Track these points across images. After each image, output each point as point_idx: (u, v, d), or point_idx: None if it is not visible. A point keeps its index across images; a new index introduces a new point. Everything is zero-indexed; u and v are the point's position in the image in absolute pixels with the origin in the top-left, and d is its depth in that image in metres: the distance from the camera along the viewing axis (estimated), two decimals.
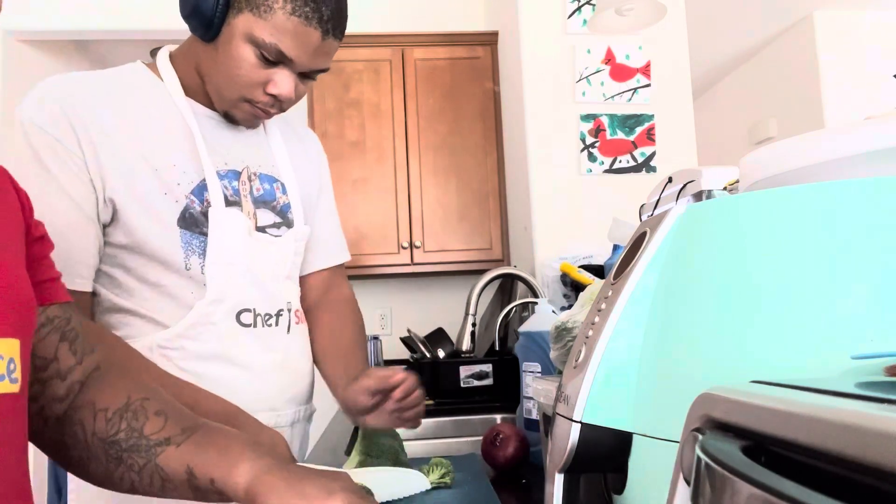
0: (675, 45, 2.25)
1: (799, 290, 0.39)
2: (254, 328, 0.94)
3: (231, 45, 0.86)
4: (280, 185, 1.01)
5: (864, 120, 0.49)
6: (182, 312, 0.89)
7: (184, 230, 0.89)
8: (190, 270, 0.89)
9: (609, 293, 0.50)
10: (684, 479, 0.31)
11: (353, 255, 2.57)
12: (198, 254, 0.90)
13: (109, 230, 0.88)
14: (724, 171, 0.77)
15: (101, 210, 0.86)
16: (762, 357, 0.38)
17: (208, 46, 0.89)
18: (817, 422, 0.22)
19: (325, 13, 0.86)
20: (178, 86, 0.94)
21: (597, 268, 1.82)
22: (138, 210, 0.87)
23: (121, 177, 0.86)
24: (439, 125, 2.62)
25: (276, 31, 0.84)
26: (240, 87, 0.89)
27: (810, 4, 3.43)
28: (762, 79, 4.01)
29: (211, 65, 0.90)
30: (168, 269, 0.89)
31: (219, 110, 0.95)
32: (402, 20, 2.92)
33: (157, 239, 0.88)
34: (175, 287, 0.89)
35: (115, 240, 0.88)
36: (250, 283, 0.94)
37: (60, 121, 0.83)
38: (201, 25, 0.86)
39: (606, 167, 2.16)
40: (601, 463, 0.47)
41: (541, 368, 1.16)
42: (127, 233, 0.87)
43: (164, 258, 0.88)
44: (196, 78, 0.94)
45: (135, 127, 0.89)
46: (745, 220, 0.43)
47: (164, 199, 0.88)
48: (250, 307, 0.94)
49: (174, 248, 0.88)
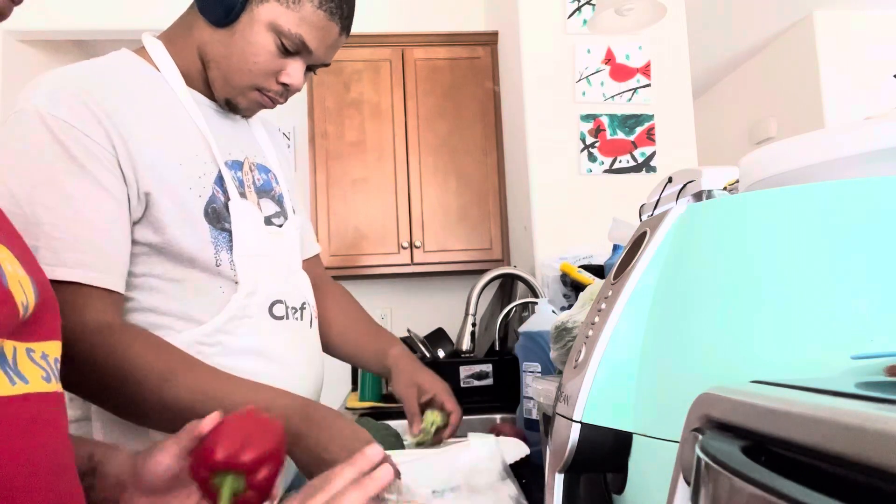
0: (675, 45, 2.25)
1: (799, 290, 0.39)
2: (286, 321, 0.93)
3: (251, 31, 0.86)
4: (273, 175, 1.02)
5: (864, 120, 0.49)
6: (214, 309, 0.86)
7: (210, 225, 0.87)
8: (220, 266, 0.86)
9: (609, 293, 0.50)
10: (684, 479, 0.31)
11: (353, 255, 2.58)
12: (225, 249, 0.88)
13: (136, 227, 0.83)
14: (724, 171, 0.77)
15: (133, 206, 0.82)
16: (762, 357, 0.38)
17: (220, 31, 0.88)
18: (817, 422, 0.22)
19: (344, 10, 0.90)
20: (178, 75, 0.91)
21: (597, 268, 1.82)
22: (169, 205, 0.83)
23: (151, 170, 0.82)
24: (439, 125, 2.62)
25: (303, 22, 0.87)
26: (254, 74, 0.89)
27: (810, 4, 3.43)
28: (762, 79, 4.01)
29: (221, 50, 0.88)
30: (194, 267, 0.85)
31: (219, 98, 0.94)
32: (402, 20, 2.92)
33: (188, 235, 0.84)
34: (203, 284, 0.86)
35: (142, 237, 0.83)
36: (276, 274, 0.94)
37: (84, 114, 0.79)
38: (222, 11, 0.86)
39: (606, 167, 2.16)
40: (601, 463, 0.47)
41: (541, 368, 1.16)
42: (157, 229, 0.83)
43: (193, 255, 0.85)
44: (196, 64, 0.91)
45: (149, 119, 0.85)
46: (746, 219, 0.43)
47: (189, 193, 0.85)
48: (281, 299, 0.93)
49: (205, 244, 0.85)
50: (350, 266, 2.58)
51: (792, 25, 3.66)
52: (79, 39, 3.12)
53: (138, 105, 0.84)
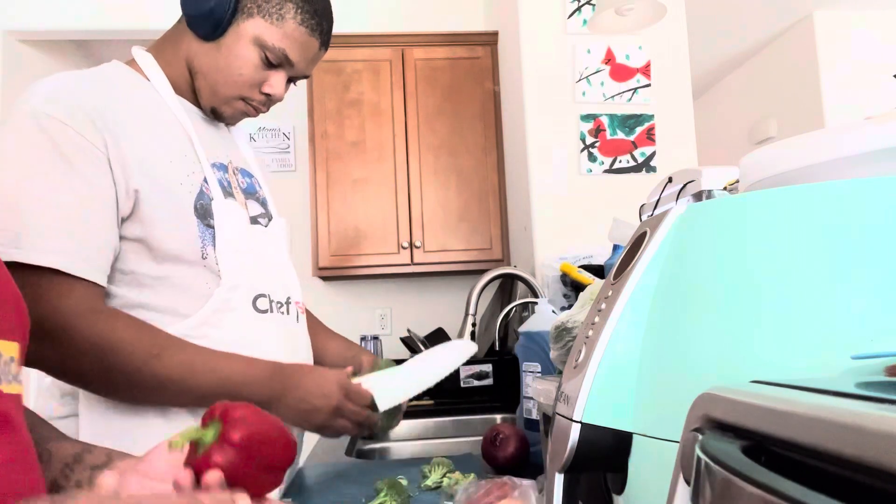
0: (675, 45, 2.25)
1: (799, 290, 0.39)
2: (270, 314, 0.96)
3: (237, 46, 0.93)
4: (256, 180, 1.07)
5: (864, 120, 0.49)
6: (199, 303, 0.89)
7: (199, 220, 0.90)
8: (206, 259, 0.90)
9: (609, 293, 0.50)
10: (684, 479, 0.31)
11: (353, 255, 2.58)
12: (211, 244, 0.91)
13: (125, 224, 0.87)
14: (724, 171, 0.77)
15: (122, 203, 0.85)
16: (762, 357, 0.38)
17: (207, 45, 0.93)
18: (817, 422, 0.22)
19: (324, 27, 0.98)
20: (167, 84, 0.95)
21: (597, 268, 1.82)
22: (159, 200, 0.87)
23: (141, 167, 0.86)
24: (439, 125, 2.62)
25: (285, 37, 0.94)
26: (239, 85, 0.95)
27: (810, 4, 3.43)
28: (762, 79, 4.01)
29: (208, 62, 0.94)
30: (180, 262, 0.88)
31: (205, 106, 0.99)
32: (402, 20, 2.92)
33: (176, 230, 0.87)
34: (189, 279, 0.89)
35: (131, 233, 0.87)
36: (260, 269, 0.97)
37: (78, 114, 0.82)
38: (210, 26, 0.91)
39: (606, 167, 2.16)
40: (601, 463, 0.47)
41: (541, 368, 1.16)
42: (144, 225, 0.86)
43: (179, 249, 0.88)
44: (184, 75, 0.96)
45: (140, 121, 0.89)
46: (746, 219, 0.43)
47: (180, 188, 0.89)
48: (265, 293, 0.96)
49: (192, 238, 0.89)
50: (350, 266, 2.58)
51: (792, 25, 3.66)
52: (79, 39, 3.12)
53: (129, 108, 0.89)
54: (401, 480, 1.00)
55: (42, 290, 0.78)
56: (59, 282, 0.79)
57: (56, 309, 0.78)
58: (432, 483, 1.03)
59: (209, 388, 0.84)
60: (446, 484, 1.00)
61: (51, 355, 0.79)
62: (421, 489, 1.02)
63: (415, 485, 1.04)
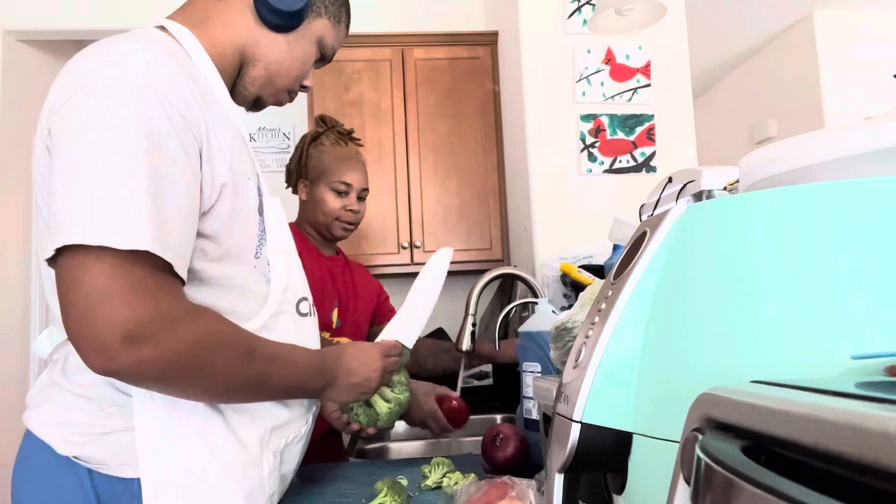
0: (675, 45, 2.25)
1: (799, 290, 0.39)
2: (311, 317, 0.96)
3: (303, 42, 0.95)
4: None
5: (864, 120, 0.49)
6: (255, 305, 0.85)
7: (260, 217, 0.87)
8: (259, 259, 0.86)
9: (609, 293, 0.50)
10: (684, 479, 0.31)
11: (352, 255, 2.58)
12: (264, 243, 0.87)
13: (201, 219, 0.79)
14: (724, 171, 0.77)
15: (206, 197, 0.78)
16: (762, 357, 0.38)
17: (274, 36, 0.92)
18: (817, 422, 0.22)
19: None
20: (213, 68, 0.86)
21: (597, 268, 1.82)
22: (237, 197, 0.82)
23: (228, 159, 0.80)
24: (439, 125, 2.62)
25: (338, 38, 1.01)
26: (293, 78, 0.96)
27: (810, 4, 3.43)
28: (762, 79, 4.01)
29: (273, 52, 0.92)
30: (237, 262, 0.83)
31: (250, 94, 0.94)
32: (402, 20, 2.92)
33: (244, 228, 0.83)
34: (243, 280, 0.84)
35: (203, 229, 0.79)
36: (301, 271, 0.96)
37: (187, 95, 0.75)
38: (288, 18, 0.91)
39: (606, 167, 2.16)
40: (601, 463, 0.47)
41: (541, 368, 1.16)
42: (218, 223, 0.80)
43: (240, 248, 0.83)
44: (230, 59, 0.89)
45: (215, 107, 0.82)
46: (746, 219, 0.43)
47: (248, 184, 0.85)
48: (306, 296, 0.96)
49: (252, 237, 0.85)
50: None
51: (792, 25, 3.66)
52: (79, 39, 3.12)
53: (201, 93, 0.80)
54: (401, 480, 1.00)
55: (161, 284, 0.70)
56: (168, 278, 0.72)
57: (175, 306, 0.71)
58: (432, 483, 1.03)
59: (282, 384, 0.83)
60: (446, 484, 1.00)
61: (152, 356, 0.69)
62: (421, 489, 1.02)
63: (415, 485, 1.04)
